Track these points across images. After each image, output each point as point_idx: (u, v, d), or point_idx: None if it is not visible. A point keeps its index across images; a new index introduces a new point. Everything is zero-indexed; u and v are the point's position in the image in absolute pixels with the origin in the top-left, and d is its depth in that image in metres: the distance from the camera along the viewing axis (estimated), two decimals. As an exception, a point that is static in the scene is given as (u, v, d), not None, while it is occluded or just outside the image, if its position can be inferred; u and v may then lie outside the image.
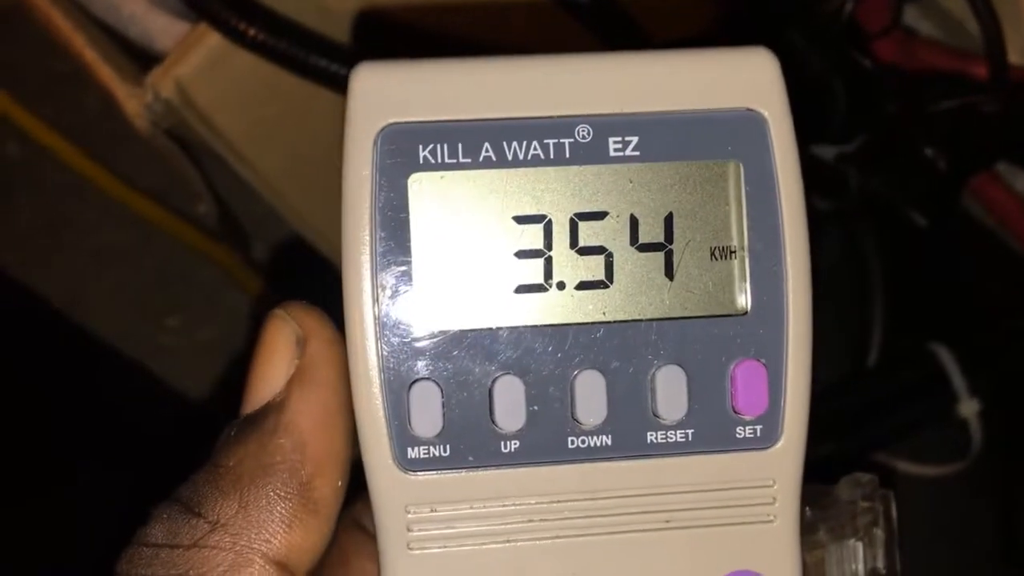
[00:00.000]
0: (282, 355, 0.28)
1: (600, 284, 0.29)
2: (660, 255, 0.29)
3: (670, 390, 0.28)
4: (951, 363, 0.56)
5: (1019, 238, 0.62)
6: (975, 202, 0.63)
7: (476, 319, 0.28)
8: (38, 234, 0.89)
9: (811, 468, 0.30)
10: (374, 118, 0.28)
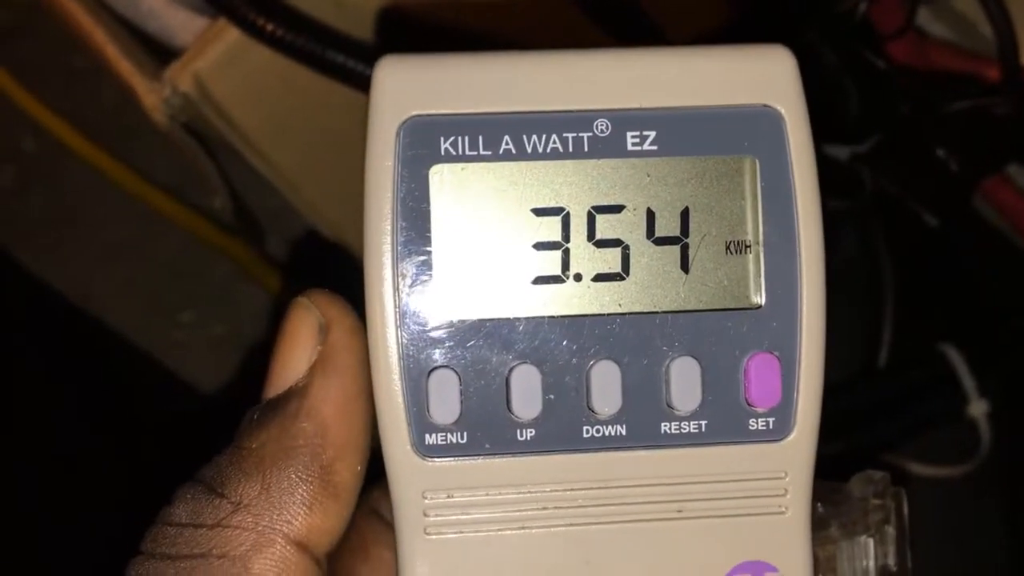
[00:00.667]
0: (305, 342, 0.28)
1: (616, 276, 0.29)
2: (676, 248, 0.29)
3: (684, 381, 0.29)
4: (960, 364, 0.57)
5: (1030, 240, 0.62)
6: (986, 204, 0.63)
7: (494, 309, 0.29)
8: (52, 228, 0.90)
9: (821, 466, 0.30)
10: (397, 110, 0.28)
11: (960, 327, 0.60)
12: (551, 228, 0.29)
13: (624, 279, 0.29)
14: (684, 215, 0.29)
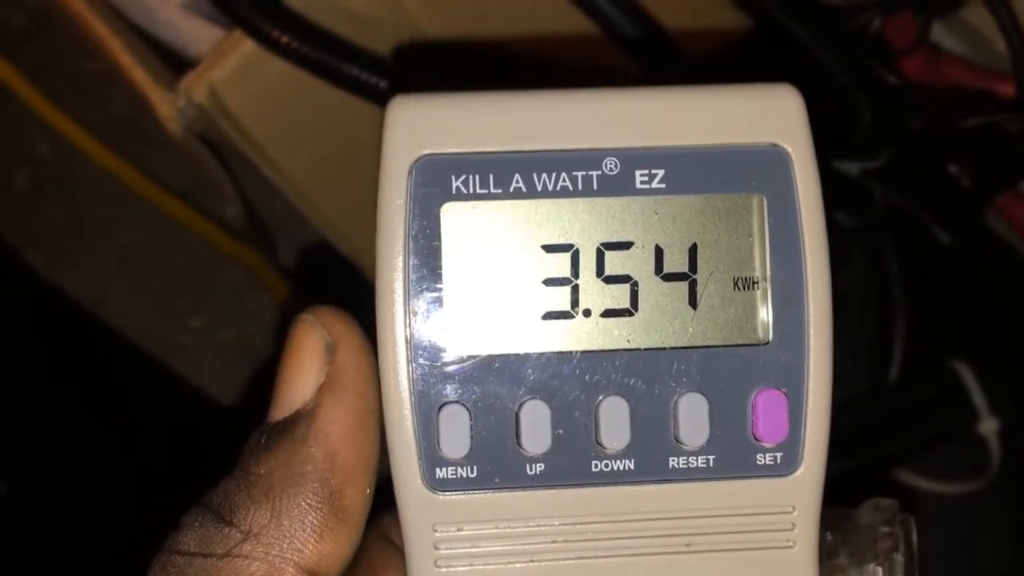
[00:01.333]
0: (311, 361, 0.28)
1: (625, 312, 0.29)
2: (684, 284, 0.29)
3: (692, 417, 0.29)
4: (971, 380, 0.57)
5: (1042, 256, 0.62)
6: (998, 220, 0.63)
7: (504, 344, 0.29)
8: (65, 232, 0.90)
9: (830, 484, 0.30)
10: (409, 149, 0.29)
11: (971, 344, 0.60)
12: (561, 264, 0.29)
13: (633, 315, 0.29)
14: (692, 252, 0.29)
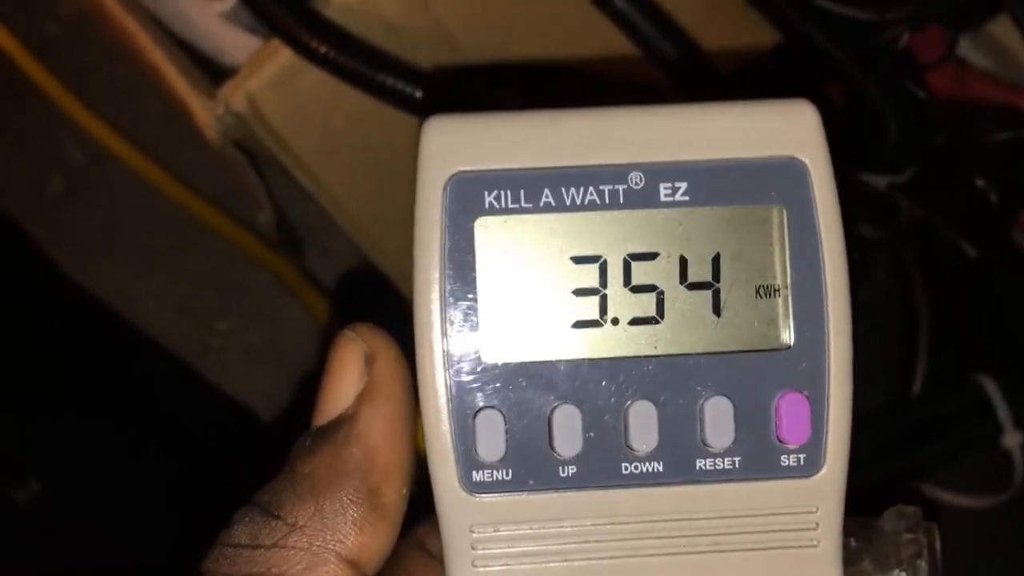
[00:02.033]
0: (352, 372, 0.30)
1: (652, 320, 0.31)
2: (708, 293, 0.31)
3: (718, 420, 0.30)
4: (996, 394, 0.57)
5: (1068, 271, 0.62)
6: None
7: (536, 352, 0.30)
8: (95, 234, 0.91)
9: (854, 495, 0.31)
10: (443, 167, 0.30)
11: (996, 357, 0.60)
12: (589, 275, 0.31)
13: (659, 323, 0.31)
14: (715, 261, 0.31)
